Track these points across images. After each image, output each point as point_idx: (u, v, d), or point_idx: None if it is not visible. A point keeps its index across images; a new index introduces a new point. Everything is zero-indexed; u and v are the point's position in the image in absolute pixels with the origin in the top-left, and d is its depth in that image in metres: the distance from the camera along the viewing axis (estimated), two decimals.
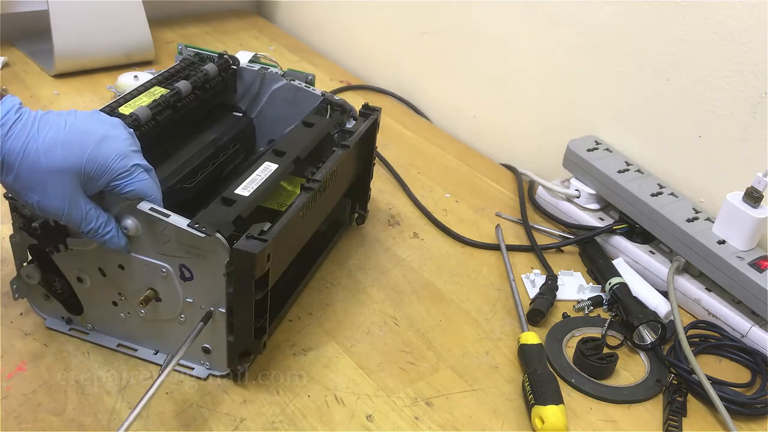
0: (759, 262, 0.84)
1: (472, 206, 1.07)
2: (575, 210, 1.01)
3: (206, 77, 0.89)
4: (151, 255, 0.67)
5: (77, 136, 0.62)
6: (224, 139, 0.91)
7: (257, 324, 0.68)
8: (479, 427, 0.71)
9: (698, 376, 0.75)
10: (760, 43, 0.85)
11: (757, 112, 0.88)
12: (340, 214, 0.94)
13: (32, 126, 0.61)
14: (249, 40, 1.56)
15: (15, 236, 0.71)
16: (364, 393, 0.73)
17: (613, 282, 0.88)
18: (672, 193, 0.94)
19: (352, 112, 0.93)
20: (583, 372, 0.78)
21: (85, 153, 0.62)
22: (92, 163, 0.62)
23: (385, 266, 0.92)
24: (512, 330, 0.83)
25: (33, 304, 0.76)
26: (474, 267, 0.94)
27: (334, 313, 0.83)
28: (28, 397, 0.68)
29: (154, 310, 0.70)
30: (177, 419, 0.67)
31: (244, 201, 0.70)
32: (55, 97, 1.22)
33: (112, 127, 0.65)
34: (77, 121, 0.63)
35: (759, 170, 0.84)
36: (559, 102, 1.12)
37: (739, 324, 0.84)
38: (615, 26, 1.00)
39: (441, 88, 1.33)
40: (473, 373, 0.77)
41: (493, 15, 1.18)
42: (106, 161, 0.63)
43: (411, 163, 1.16)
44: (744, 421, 0.75)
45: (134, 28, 1.34)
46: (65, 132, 0.62)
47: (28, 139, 0.60)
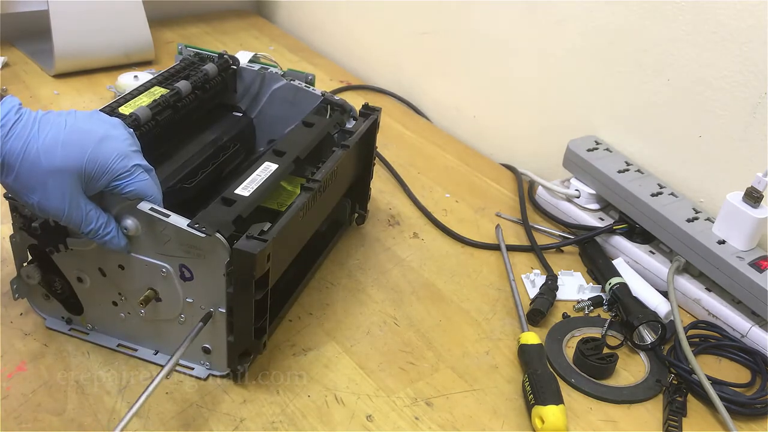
0: (759, 262, 0.84)
1: (472, 206, 1.07)
2: (575, 210, 1.01)
3: (206, 77, 0.89)
4: (151, 255, 0.67)
5: (77, 137, 0.62)
6: (224, 139, 0.91)
7: (257, 324, 0.68)
8: (479, 427, 0.71)
9: (698, 376, 0.75)
10: (760, 43, 0.85)
11: (757, 112, 0.88)
12: (340, 214, 0.94)
13: (32, 126, 0.61)
14: (249, 40, 1.56)
15: (15, 236, 0.71)
16: (364, 393, 0.73)
17: (613, 282, 0.88)
18: (672, 193, 0.94)
19: (352, 112, 0.93)
20: (583, 372, 0.78)
21: (86, 153, 0.62)
22: (92, 163, 0.62)
23: (385, 266, 0.92)
24: (512, 330, 0.83)
25: (33, 304, 0.76)
26: (474, 267, 0.94)
27: (334, 313, 0.83)
28: (28, 397, 0.68)
29: (154, 310, 0.70)
30: (177, 419, 0.67)
31: (244, 201, 0.69)
32: (55, 97, 1.22)
33: (112, 127, 0.65)
34: (77, 122, 0.63)
35: (759, 170, 0.84)
36: (559, 102, 1.12)
37: (739, 324, 0.84)
38: (615, 26, 1.00)
39: (441, 88, 1.33)
40: (473, 373, 0.77)
41: (493, 15, 1.18)
42: (107, 161, 0.63)
43: (411, 163, 1.16)
44: (744, 421, 0.75)
45: (134, 28, 1.34)
46: (65, 132, 0.62)
47: (28, 139, 0.60)
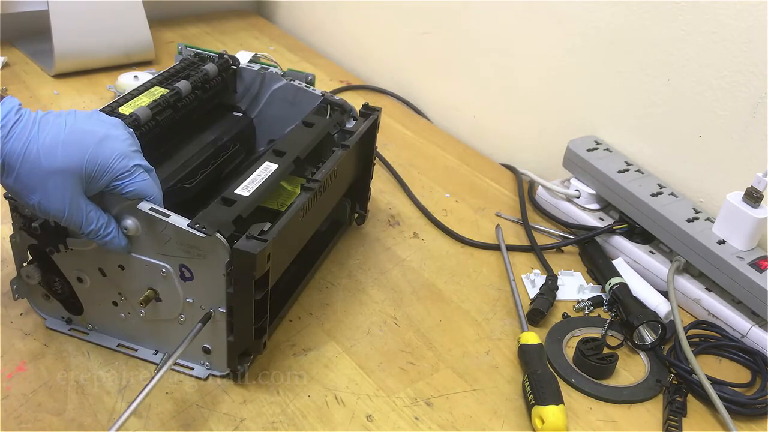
0: (759, 262, 0.84)
1: (472, 206, 1.07)
2: (575, 210, 1.01)
3: (206, 77, 0.89)
4: (151, 255, 0.67)
5: (77, 137, 0.62)
6: (224, 139, 0.91)
7: (257, 324, 0.68)
8: (479, 427, 0.71)
9: (698, 376, 0.75)
10: (760, 43, 0.85)
11: (757, 112, 0.88)
12: (340, 214, 0.94)
13: (32, 127, 0.61)
14: (249, 40, 1.56)
15: (15, 236, 0.71)
16: (364, 393, 0.73)
17: (613, 282, 0.88)
18: (672, 193, 0.94)
19: (352, 112, 0.93)
20: (583, 372, 0.78)
21: (86, 154, 0.62)
22: (93, 164, 0.62)
23: (385, 266, 0.92)
24: (512, 330, 0.83)
25: (33, 304, 0.76)
26: (474, 267, 0.94)
27: (334, 313, 0.83)
28: (28, 397, 0.68)
29: (154, 310, 0.70)
30: (177, 419, 0.67)
31: (244, 201, 0.69)
32: (55, 97, 1.22)
33: (113, 127, 0.65)
34: (77, 122, 0.63)
35: (759, 170, 0.84)
36: (559, 102, 1.12)
37: (739, 324, 0.84)
38: (615, 26, 1.00)
39: (441, 88, 1.33)
40: (473, 373, 0.77)
41: (493, 15, 1.18)
42: (107, 161, 0.63)
43: (411, 163, 1.16)
44: (744, 421, 0.75)
45: (134, 28, 1.34)
46: (65, 133, 0.62)
47: (28, 140, 0.60)
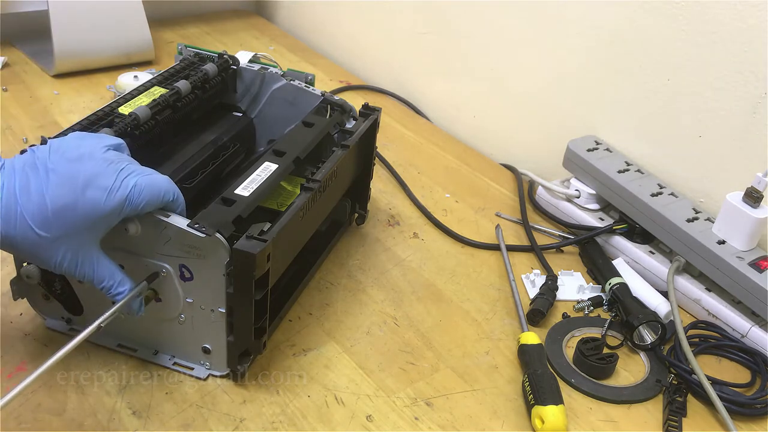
0: (759, 262, 0.84)
1: (472, 206, 1.07)
2: (575, 210, 1.01)
3: (206, 77, 0.89)
4: (151, 255, 0.67)
5: (63, 195, 0.59)
6: (224, 139, 0.91)
7: (257, 324, 0.68)
8: (479, 427, 0.71)
9: (698, 376, 0.75)
10: (760, 43, 0.85)
11: (757, 112, 0.87)
12: (340, 214, 0.94)
13: (13, 193, 0.58)
14: (249, 40, 1.56)
15: None
16: (364, 393, 0.73)
17: (613, 282, 0.88)
18: (672, 193, 0.94)
19: (352, 112, 0.93)
20: (583, 372, 0.78)
21: (77, 213, 0.59)
22: (88, 219, 0.60)
23: (385, 266, 0.92)
24: (512, 330, 0.83)
25: (33, 304, 0.76)
26: (474, 267, 0.94)
27: (334, 313, 0.83)
28: (28, 397, 0.67)
29: (154, 310, 0.70)
30: (177, 419, 0.67)
31: (244, 201, 0.69)
32: (55, 97, 1.22)
33: (88, 158, 0.61)
34: (57, 173, 0.59)
35: (759, 170, 0.84)
36: (559, 102, 1.12)
37: (739, 324, 0.84)
38: (615, 26, 1.00)
39: (441, 88, 1.33)
40: (473, 373, 0.77)
41: (493, 15, 1.18)
42: (101, 207, 0.60)
43: (411, 163, 1.16)
44: (744, 421, 0.75)
45: (134, 28, 1.34)
46: (50, 197, 0.58)
47: (16, 211, 0.58)
